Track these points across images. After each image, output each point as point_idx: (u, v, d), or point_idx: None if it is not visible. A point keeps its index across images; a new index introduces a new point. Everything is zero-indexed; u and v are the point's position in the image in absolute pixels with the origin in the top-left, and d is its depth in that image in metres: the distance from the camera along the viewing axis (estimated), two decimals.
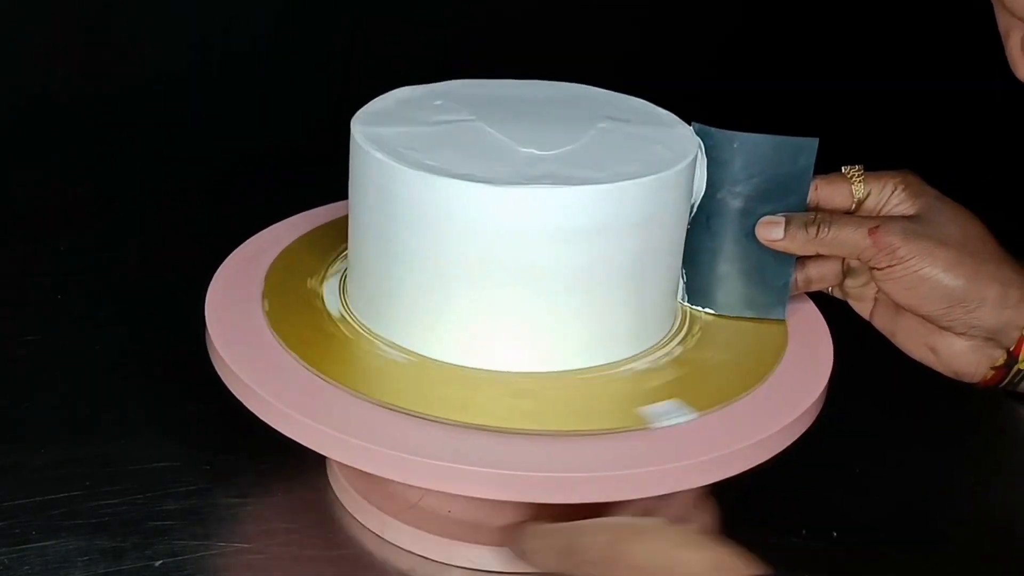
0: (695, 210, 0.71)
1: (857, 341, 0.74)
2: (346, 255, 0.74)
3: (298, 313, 0.70)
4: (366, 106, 0.71)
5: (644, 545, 0.57)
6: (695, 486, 0.61)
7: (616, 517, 0.60)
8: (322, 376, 0.65)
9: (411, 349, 0.67)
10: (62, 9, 0.95)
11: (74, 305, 0.88)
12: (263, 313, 0.70)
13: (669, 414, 0.63)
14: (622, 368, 0.67)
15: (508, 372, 0.66)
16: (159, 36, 1.00)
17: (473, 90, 0.74)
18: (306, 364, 0.65)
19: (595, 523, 0.59)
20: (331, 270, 0.75)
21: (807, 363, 0.70)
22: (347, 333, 0.69)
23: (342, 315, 0.71)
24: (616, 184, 0.64)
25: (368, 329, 0.69)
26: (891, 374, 0.86)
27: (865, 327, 0.77)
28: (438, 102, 0.72)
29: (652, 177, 0.65)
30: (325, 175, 0.79)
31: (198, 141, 1.05)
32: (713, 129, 0.70)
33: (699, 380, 0.67)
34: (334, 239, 0.77)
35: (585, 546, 0.58)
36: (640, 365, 0.68)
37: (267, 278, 0.73)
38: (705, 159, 0.70)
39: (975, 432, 0.83)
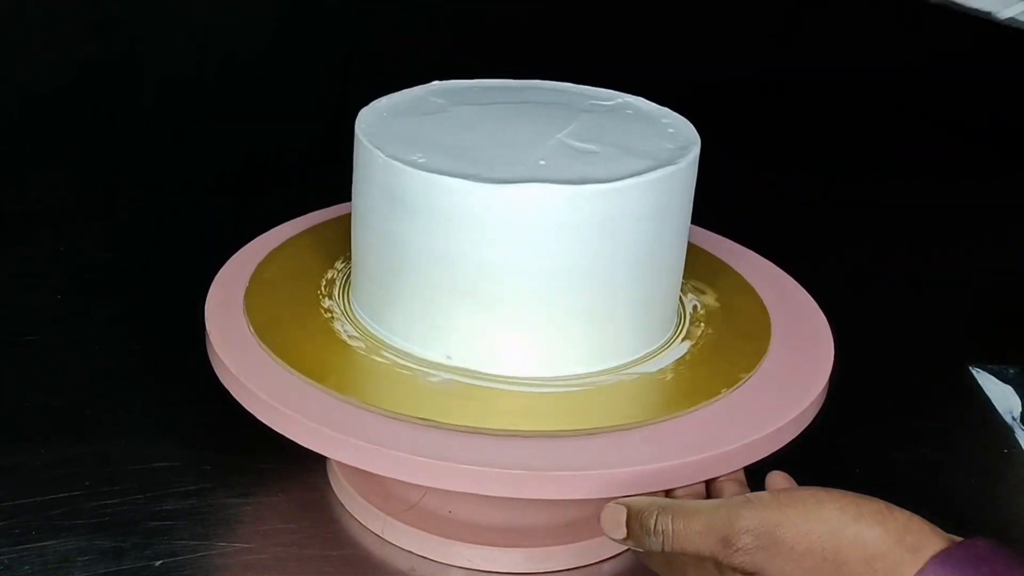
0: None
1: (857, 341, 0.74)
2: (347, 257, 0.74)
3: (297, 316, 0.70)
4: (371, 104, 0.71)
5: (818, 525, 0.50)
6: (692, 482, 0.61)
7: (777, 493, 0.53)
8: (320, 386, 0.64)
9: (411, 352, 0.67)
10: (62, 10, 0.95)
11: (74, 305, 0.88)
12: (262, 316, 0.70)
13: None
14: (625, 371, 0.68)
15: (506, 376, 0.66)
16: (159, 37, 1.00)
17: (477, 90, 0.74)
18: (306, 377, 0.65)
19: (754, 502, 0.51)
20: (333, 271, 0.75)
21: (806, 362, 0.70)
22: (346, 337, 0.69)
23: (344, 317, 0.71)
24: (625, 182, 0.64)
25: (369, 330, 0.69)
26: (891, 374, 0.86)
27: (865, 327, 0.77)
28: (442, 101, 0.72)
29: (656, 175, 0.65)
30: (325, 176, 0.79)
31: (198, 142, 1.05)
32: None
33: (700, 380, 0.67)
34: (336, 241, 0.77)
35: (741, 529, 0.51)
36: (643, 367, 0.68)
37: (268, 279, 0.73)
38: None
39: (976, 433, 0.83)
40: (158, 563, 0.65)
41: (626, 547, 0.58)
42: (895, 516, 0.50)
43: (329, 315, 0.71)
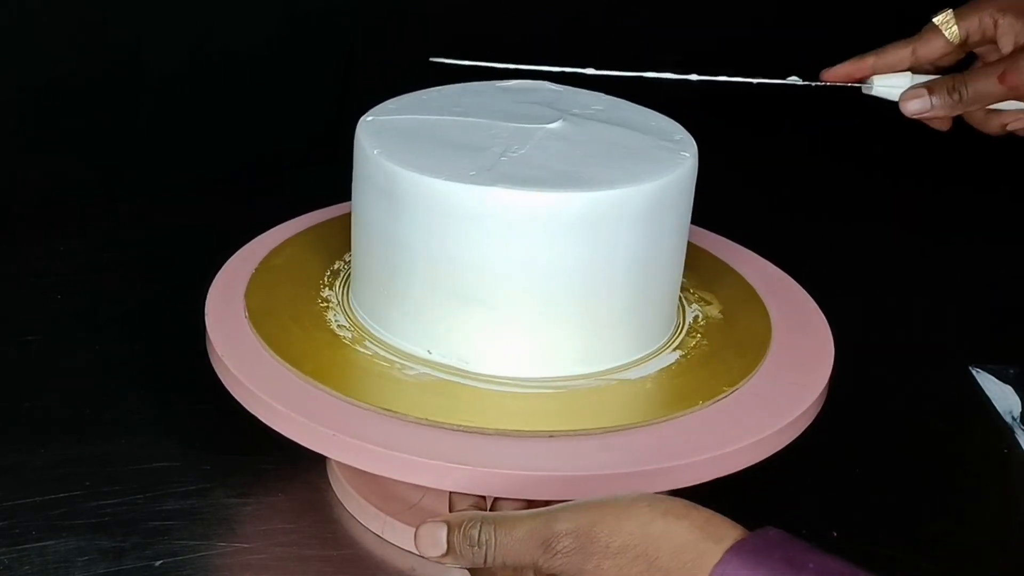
0: None
1: (857, 341, 0.74)
2: (347, 256, 0.74)
3: (297, 316, 0.70)
4: (373, 109, 0.71)
5: (629, 522, 0.52)
6: (692, 483, 0.62)
7: (591, 498, 0.54)
8: (320, 386, 0.64)
9: (411, 352, 0.67)
10: (62, 9, 0.95)
11: (74, 305, 0.88)
12: (262, 316, 0.70)
13: None
14: (623, 372, 0.68)
15: (506, 377, 0.66)
16: (160, 36, 1.00)
17: (477, 92, 0.74)
18: (305, 377, 0.65)
19: (570, 507, 0.53)
20: (333, 271, 0.75)
21: (807, 362, 0.70)
22: (347, 337, 0.69)
23: (343, 317, 0.71)
24: (620, 189, 0.64)
25: (368, 330, 0.69)
26: (891, 374, 0.86)
27: (865, 326, 0.76)
28: (443, 105, 0.72)
29: (656, 182, 0.65)
30: (325, 175, 0.79)
31: (198, 141, 1.05)
32: None
33: (700, 379, 0.67)
34: (335, 240, 0.77)
35: (560, 532, 0.52)
36: (643, 368, 0.68)
37: (268, 279, 0.73)
38: None
39: (976, 433, 0.83)
40: (158, 563, 0.65)
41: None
42: (699, 511, 0.52)
43: (329, 315, 0.71)
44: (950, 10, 0.75)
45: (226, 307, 0.71)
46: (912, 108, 0.74)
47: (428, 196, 0.64)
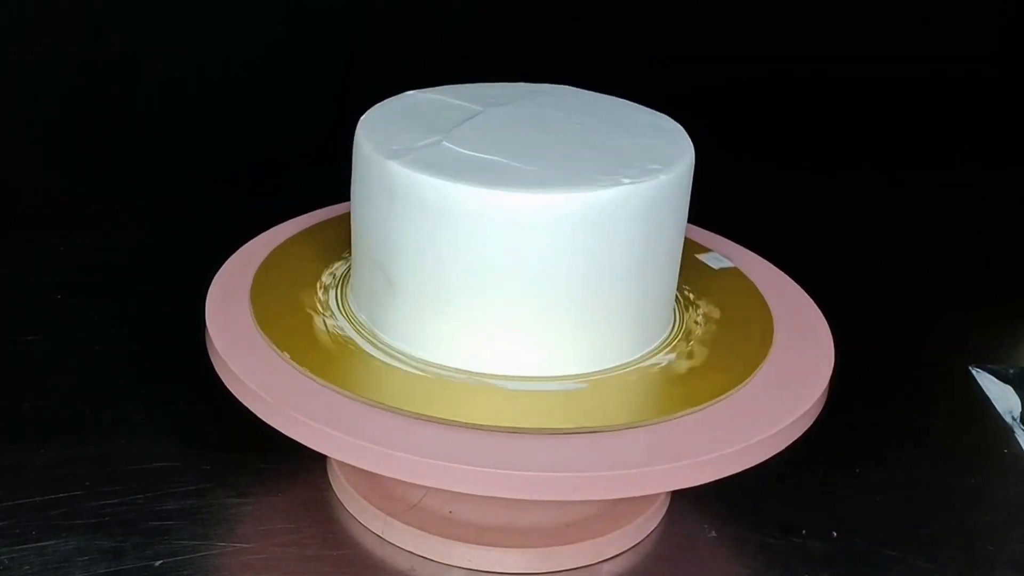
0: None
1: (857, 341, 0.74)
2: (347, 256, 0.74)
3: (297, 315, 0.70)
4: (371, 109, 0.71)
5: None
6: (694, 484, 0.62)
7: None
8: (320, 381, 0.64)
9: (410, 352, 0.67)
10: (62, 10, 0.95)
11: (74, 305, 0.88)
12: (262, 315, 0.70)
13: None
14: (624, 371, 0.68)
15: (507, 376, 0.66)
16: (159, 37, 1.00)
17: (477, 93, 0.74)
18: (304, 370, 0.65)
19: None
20: (332, 271, 0.75)
21: (807, 362, 0.70)
22: (346, 336, 0.69)
23: (343, 317, 0.71)
24: (618, 189, 0.64)
25: (368, 331, 0.69)
26: (891, 374, 0.86)
27: (865, 327, 0.76)
28: (443, 105, 0.72)
29: (654, 181, 0.65)
30: (325, 175, 0.79)
31: (198, 142, 1.05)
32: None
33: (701, 381, 0.67)
34: (335, 240, 0.77)
35: None
36: (642, 367, 0.68)
37: (268, 279, 0.74)
38: None
39: (975, 433, 0.83)
40: (158, 563, 0.65)
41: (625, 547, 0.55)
42: None
43: (330, 314, 0.71)
44: None
45: (226, 307, 0.71)
46: None
47: (427, 196, 0.64)
